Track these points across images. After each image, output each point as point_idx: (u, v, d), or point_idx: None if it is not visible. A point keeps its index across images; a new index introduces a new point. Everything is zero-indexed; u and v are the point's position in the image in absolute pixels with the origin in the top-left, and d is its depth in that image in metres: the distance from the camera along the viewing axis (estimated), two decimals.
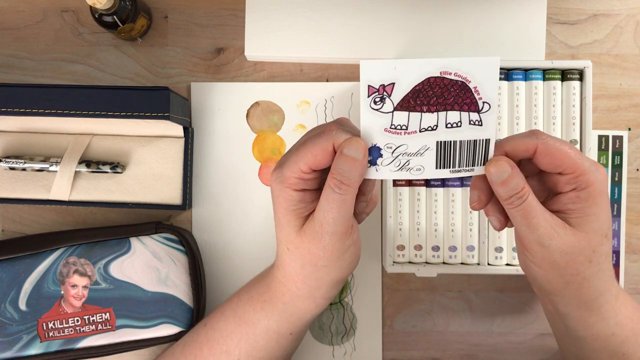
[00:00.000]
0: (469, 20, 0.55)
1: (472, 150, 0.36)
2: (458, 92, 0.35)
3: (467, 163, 0.36)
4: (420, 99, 0.34)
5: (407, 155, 0.36)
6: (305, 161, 0.36)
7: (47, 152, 0.54)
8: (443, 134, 0.35)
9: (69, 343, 0.51)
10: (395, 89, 0.34)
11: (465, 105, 0.35)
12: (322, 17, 0.55)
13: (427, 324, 0.57)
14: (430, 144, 0.36)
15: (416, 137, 0.35)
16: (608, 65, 0.56)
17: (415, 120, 0.35)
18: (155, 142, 0.54)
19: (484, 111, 0.35)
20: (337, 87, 0.56)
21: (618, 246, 0.56)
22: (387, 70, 0.34)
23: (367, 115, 0.35)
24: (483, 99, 0.35)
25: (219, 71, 0.57)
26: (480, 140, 0.36)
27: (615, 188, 0.56)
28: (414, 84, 0.34)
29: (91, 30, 0.57)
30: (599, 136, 0.56)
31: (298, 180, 0.37)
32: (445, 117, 0.35)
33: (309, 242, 0.38)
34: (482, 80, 0.34)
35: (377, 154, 0.36)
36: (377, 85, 0.34)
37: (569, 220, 0.36)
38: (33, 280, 0.51)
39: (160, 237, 0.53)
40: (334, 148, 0.36)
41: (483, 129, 0.35)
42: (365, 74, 0.34)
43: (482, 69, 0.34)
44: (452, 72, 0.34)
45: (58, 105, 0.48)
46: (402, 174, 0.36)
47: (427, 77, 0.34)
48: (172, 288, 0.52)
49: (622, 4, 0.57)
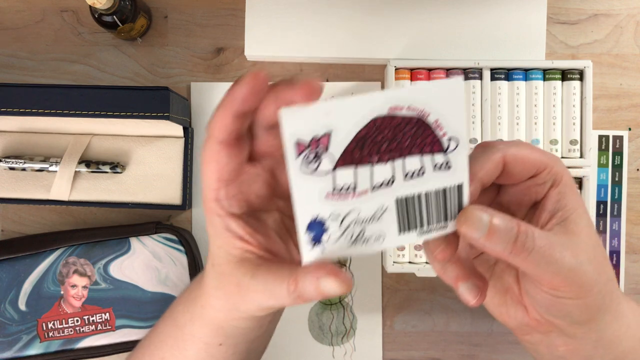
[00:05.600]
0: (469, 20, 0.55)
1: (441, 201, 0.29)
2: (415, 130, 0.27)
3: (438, 218, 0.29)
4: (367, 148, 0.27)
5: (360, 223, 0.28)
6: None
7: (47, 152, 0.54)
8: (402, 187, 0.28)
9: (69, 343, 0.51)
10: (332, 140, 0.26)
11: (426, 147, 0.28)
12: (322, 17, 0.55)
13: (427, 324, 0.57)
14: (388, 203, 0.28)
15: (369, 197, 0.28)
16: (608, 65, 0.56)
17: (364, 177, 0.27)
18: (155, 142, 0.54)
19: (450, 150, 0.28)
20: (337, 87, 0.56)
21: (618, 246, 0.55)
22: (318, 117, 0.26)
23: (300, 181, 0.26)
24: (447, 134, 0.28)
25: (219, 71, 0.57)
26: (450, 188, 0.29)
27: (616, 188, 0.56)
28: (357, 129, 0.27)
29: (91, 30, 0.57)
30: (599, 136, 0.56)
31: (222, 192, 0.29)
32: (402, 166, 0.28)
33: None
34: (443, 110, 0.27)
35: (320, 229, 0.28)
36: (307, 140, 0.26)
37: (565, 226, 0.30)
38: (33, 280, 0.51)
39: (160, 237, 0.53)
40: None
41: (452, 172, 0.28)
42: (289, 127, 0.25)
43: (440, 96, 0.27)
44: (403, 107, 0.27)
45: (58, 105, 0.47)
46: (357, 248, 0.28)
47: (372, 117, 0.26)
48: (171, 288, 0.52)
49: (622, 4, 0.57)
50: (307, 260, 0.28)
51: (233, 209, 0.29)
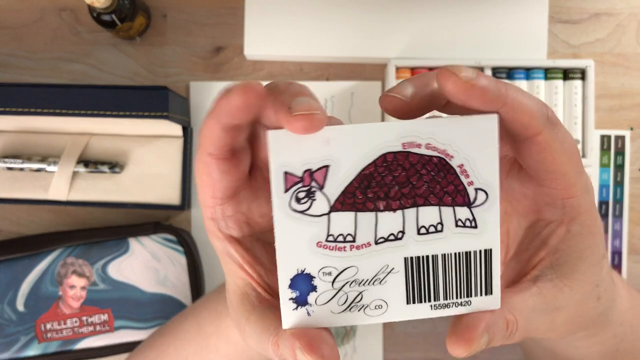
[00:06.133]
0: (470, 19, 0.55)
1: (464, 269, 0.23)
2: (434, 175, 0.22)
3: (460, 292, 0.23)
4: (373, 190, 0.22)
5: (358, 284, 0.23)
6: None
7: (45, 152, 0.54)
8: (414, 245, 0.23)
9: (67, 344, 0.51)
10: (330, 175, 0.22)
11: (447, 196, 0.22)
12: (322, 15, 0.55)
13: (428, 325, 0.56)
14: (395, 262, 0.23)
15: (371, 253, 0.23)
16: (610, 64, 0.56)
17: (367, 225, 0.22)
18: (154, 142, 0.54)
19: (477, 204, 0.22)
20: (337, 87, 0.56)
21: (620, 247, 0.55)
22: (315, 146, 0.21)
23: (286, 222, 0.22)
24: (475, 183, 0.22)
25: (218, 70, 0.56)
26: (475, 253, 0.23)
27: (618, 188, 0.55)
28: (361, 165, 0.22)
29: (89, 29, 0.56)
30: (601, 136, 0.56)
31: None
32: (415, 218, 0.22)
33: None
34: (471, 153, 0.22)
35: (307, 287, 0.23)
36: (299, 172, 0.22)
37: (560, 269, 0.25)
38: (31, 281, 0.51)
39: (159, 238, 0.53)
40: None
41: (479, 232, 0.23)
42: (277, 155, 0.21)
43: (470, 135, 0.22)
44: (422, 143, 0.22)
45: (56, 104, 0.47)
46: (352, 316, 0.23)
47: (382, 153, 0.22)
48: (170, 289, 0.52)
49: (624, 3, 0.56)
50: (288, 325, 0.23)
51: (231, 232, 0.25)
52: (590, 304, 0.27)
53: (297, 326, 0.23)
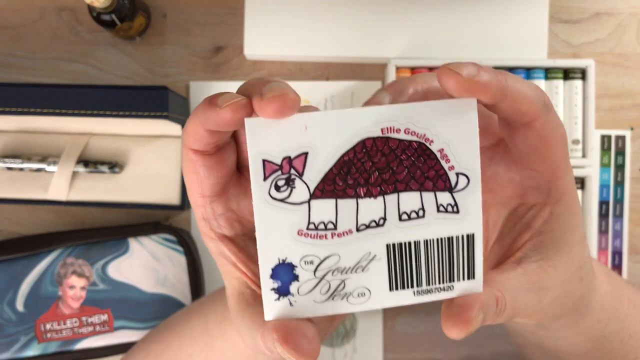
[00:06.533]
0: (470, 19, 0.54)
1: (446, 255, 0.23)
2: (414, 159, 0.22)
3: (442, 277, 0.23)
4: (353, 177, 0.22)
5: (340, 272, 0.22)
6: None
7: (44, 152, 0.54)
8: (396, 231, 0.22)
9: (67, 344, 0.51)
10: (309, 162, 0.21)
11: (428, 181, 0.22)
12: (322, 15, 0.55)
13: (428, 325, 0.56)
14: (377, 249, 0.22)
15: (353, 240, 0.22)
16: (611, 64, 0.56)
17: (348, 212, 0.22)
18: (154, 142, 0.54)
19: (459, 189, 0.22)
20: (337, 86, 0.56)
21: (620, 247, 0.55)
22: (292, 133, 0.21)
23: (265, 211, 0.22)
24: (456, 168, 0.22)
25: (218, 70, 0.56)
26: (457, 238, 0.23)
27: (618, 188, 0.55)
28: (340, 152, 0.21)
29: (89, 29, 0.56)
30: (601, 136, 0.56)
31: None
32: (397, 204, 0.22)
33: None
34: (451, 137, 0.22)
35: (289, 277, 0.22)
36: (277, 160, 0.21)
37: (544, 251, 0.26)
38: (30, 281, 0.51)
39: (159, 238, 0.52)
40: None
41: (461, 217, 0.22)
42: (255, 143, 0.21)
43: (449, 118, 0.21)
44: (401, 128, 0.21)
45: (56, 104, 0.47)
46: (335, 304, 0.23)
47: (361, 139, 0.21)
48: (170, 289, 0.51)
49: (624, 3, 0.56)
50: (270, 316, 0.22)
51: (224, 230, 0.25)
52: (574, 284, 0.27)
53: (280, 317, 0.22)
